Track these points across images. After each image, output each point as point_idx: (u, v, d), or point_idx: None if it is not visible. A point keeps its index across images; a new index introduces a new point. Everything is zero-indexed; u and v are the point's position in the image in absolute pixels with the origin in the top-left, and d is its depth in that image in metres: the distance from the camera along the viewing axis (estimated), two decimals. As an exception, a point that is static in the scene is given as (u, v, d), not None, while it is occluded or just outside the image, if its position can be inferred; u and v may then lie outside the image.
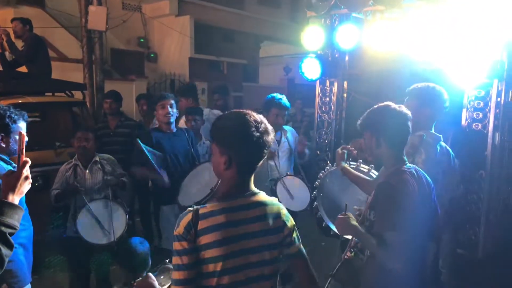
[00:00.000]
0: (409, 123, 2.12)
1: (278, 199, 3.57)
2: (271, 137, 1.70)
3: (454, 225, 3.64)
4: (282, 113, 3.90)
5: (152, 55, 12.01)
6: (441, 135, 3.07)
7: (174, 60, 11.88)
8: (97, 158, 3.79)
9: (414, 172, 2.09)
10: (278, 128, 4.00)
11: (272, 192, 3.67)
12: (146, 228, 5.39)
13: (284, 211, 1.80)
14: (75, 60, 8.59)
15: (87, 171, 3.72)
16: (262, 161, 1.73)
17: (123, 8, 11.15)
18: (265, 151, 1.69)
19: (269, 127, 1.70)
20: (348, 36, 4.10)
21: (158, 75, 11.61)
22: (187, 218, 1.63)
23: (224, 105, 5.72)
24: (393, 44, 3.98)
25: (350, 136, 4.75)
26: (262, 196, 1.78)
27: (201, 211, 1.64)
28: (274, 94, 3.99)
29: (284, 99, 3.91)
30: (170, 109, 3.75)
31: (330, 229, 2.98)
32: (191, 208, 1.66)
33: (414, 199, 1.99)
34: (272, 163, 3.90)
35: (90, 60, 7.21)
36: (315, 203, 3.13)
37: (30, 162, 1.71)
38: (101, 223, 3.49)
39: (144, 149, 3.44)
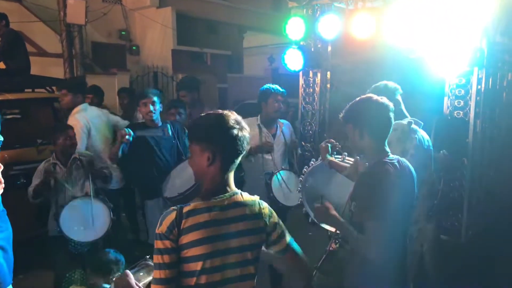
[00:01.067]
0: (391, 115, 2.13)
1: (273, 193, 3.62)
2: (248, 133, 1.74)
3: (437, 212, 3.69)
4: (280, 98, 3.88)
5: (134, 47, 11.84)
6: (422, 122, 3.10)
7: (157, 53, 11.74)
8: (77, 155, 3.74)
9: (396, 163, 2.10)
10: (278, 116, 3.99)
11: (267, 186, 3.67)
12: (132, 224, 5.37)
13: (266, 210, 1.80)
14: (55, 55, 8.43)
15: (67, 169, 3.68)
16: (240, 157, 1.74)
17: (103, 1, 10.93)
18: (245, 146, 1.71)
19: (246, 125, 1.74)
20: (330, 26, 4.10)
21: (141, 68, 11.47)
22: (170, 217, 1.62)
23: (192, 102, 4.75)
24: (375, 33, 3.99)
25: (335, 126, 4.77)
26: (244, 195, 1.78)
27: (185, 210, 1.64)
28: (266, 85, 3.94)
29: (279, 87, 3.89)
30: (152, 107, 3.70)
31: (317, 223, 2.99)
32: (175, 207, 1.66)
33: (395, 189, 2.00)
34: (268, 156, 3.86)
35: (70, 54, 7.11)
36: (300, 198, 3.14)
37: (2, 168, 1.65)
38: (85, 220, 3.44)
39: None
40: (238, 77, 14.30)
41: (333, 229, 2.58)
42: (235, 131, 1.67)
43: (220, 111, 1.74)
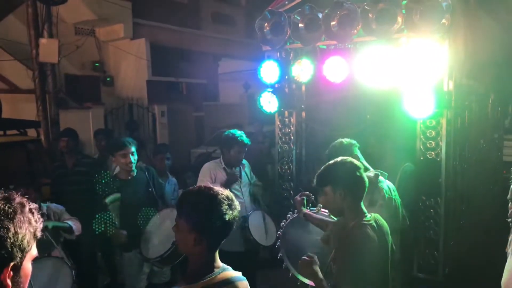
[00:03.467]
0: (365, 175, 2.20)
1: (252, 236, 3.63)
2: (238, 211, 1.70)
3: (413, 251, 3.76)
4: (243, 150, 3.91)
5: (108, 79, 11.73)
6: (386, 173, 3.18)
7: (131, 84, 11.67)
8: (45, 210, 3.53)
9: (374, 224, 2.15)
10: (239, 164, 4.01)
11: (244, 230, 3.68)
12: (108, 267, 5.24)
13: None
14: (27, 91, 8.27)
15: None
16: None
17: (76, 34, 10.85)
18: (234, 227, 1.69)
19: (236, 203, 1.71)
20: (303, 70, 4.18)
21: (115, 100, 11.37)
22: None
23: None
24: (346, 74, 4.09)
25: (311, 164, 4.83)
26: (231, 272, 1.74)
27: None
28: (233, 131, 3.94)
29: (244, 136, 3.91)
30: (131, 158, 3.67)
31: (298, 279, 2.99)
32: None
33: (374, 253, 2.05)
34: (240, 199, 3.85)
35: (43, 92, 6.96)
36: (280, 254, 3.14)
37: None
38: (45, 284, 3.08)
39: None
40: (214, 105, 14.35)
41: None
42: (227, 217, 1.63)
43: (214, 191, 1.67)
